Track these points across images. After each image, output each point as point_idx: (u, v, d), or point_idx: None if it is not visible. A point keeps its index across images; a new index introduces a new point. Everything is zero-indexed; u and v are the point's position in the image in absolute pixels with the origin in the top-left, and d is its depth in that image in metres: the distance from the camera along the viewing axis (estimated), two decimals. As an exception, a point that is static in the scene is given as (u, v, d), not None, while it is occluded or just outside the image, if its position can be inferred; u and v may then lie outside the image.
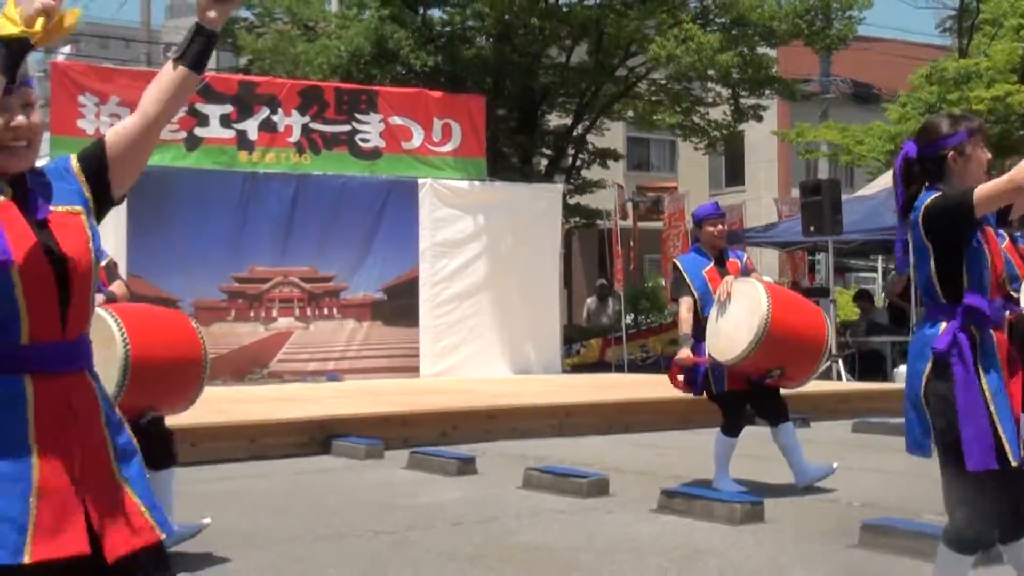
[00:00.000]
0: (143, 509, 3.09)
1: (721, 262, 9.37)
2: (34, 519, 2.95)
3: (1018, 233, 9.41)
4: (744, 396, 9.28)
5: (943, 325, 4.79)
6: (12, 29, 2.88)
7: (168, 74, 3.21)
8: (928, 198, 4.81)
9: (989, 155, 4.87)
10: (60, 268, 3.05)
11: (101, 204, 3.24)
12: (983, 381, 4.70)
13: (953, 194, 4.75)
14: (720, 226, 9.62)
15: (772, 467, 9.99)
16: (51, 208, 3.11)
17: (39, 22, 2.87)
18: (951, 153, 4.86)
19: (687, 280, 9.37)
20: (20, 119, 3.07)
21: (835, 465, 9.44)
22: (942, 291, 4.82)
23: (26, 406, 2.96)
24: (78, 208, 3.14)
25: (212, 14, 3.11)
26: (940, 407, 4.74)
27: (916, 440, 4.87)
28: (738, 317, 8.83)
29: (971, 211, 4.66)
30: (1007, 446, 4.62)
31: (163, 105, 3.23)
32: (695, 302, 9.30)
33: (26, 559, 2.92)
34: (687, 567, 6.70)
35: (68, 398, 3.04)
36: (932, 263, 4.84)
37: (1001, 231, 5.04)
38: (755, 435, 9.71)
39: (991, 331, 4.79)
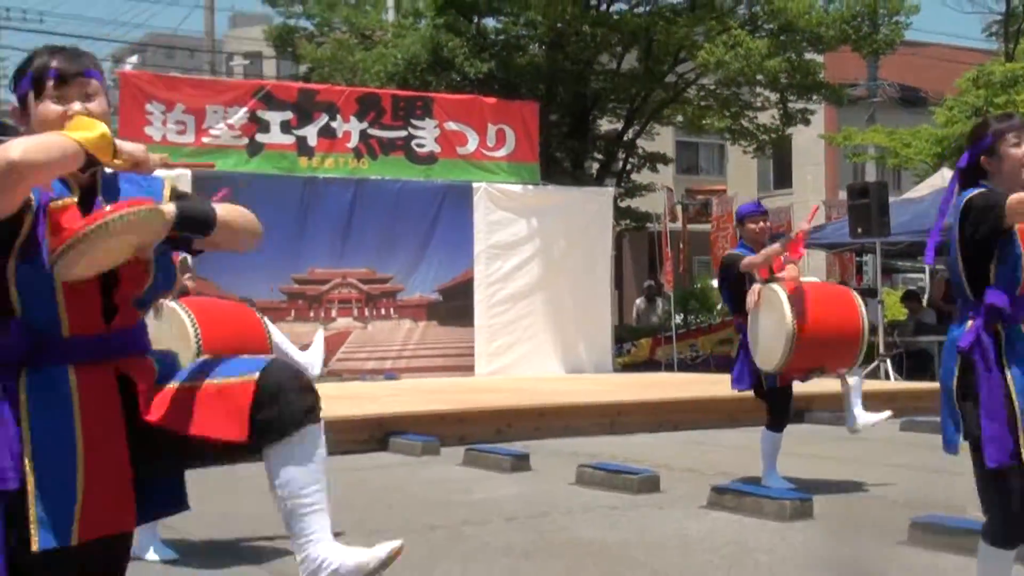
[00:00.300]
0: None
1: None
2: (81, 500, 3.00)
3: None
4: (791, 391, 9.25)
5: (969, 323, 4.75)
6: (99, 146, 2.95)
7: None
8: (970, 193, 4.77)
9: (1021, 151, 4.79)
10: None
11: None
12: (1008, 379, 4.64)
13: (991, 195, 4.69)
14: (762, 223, 9.53)
15: (820, 464, 9.95)
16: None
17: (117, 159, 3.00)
18: (983, 157, 4.84)
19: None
20: (76, 106, 3.09)
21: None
22: (970, 288, 4.78)
23: (70, 395, 3.00)
24: None
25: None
26: (967, 405, 4.71)
27: (949, 437, 4.83)
28: (769, 327, 8.78)
29: (1001, 217, 4.61)
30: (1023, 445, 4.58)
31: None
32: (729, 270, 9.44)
33: (73, 541, 2.98)
34: (737, 563, 6.65)
35: (112, 385, 3.09)
36: (961, 260, 4.82)
37: None
38: (800, 433, 9.66)
39: (1020, 328, 4.74)
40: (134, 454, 3.10)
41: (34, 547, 2.97)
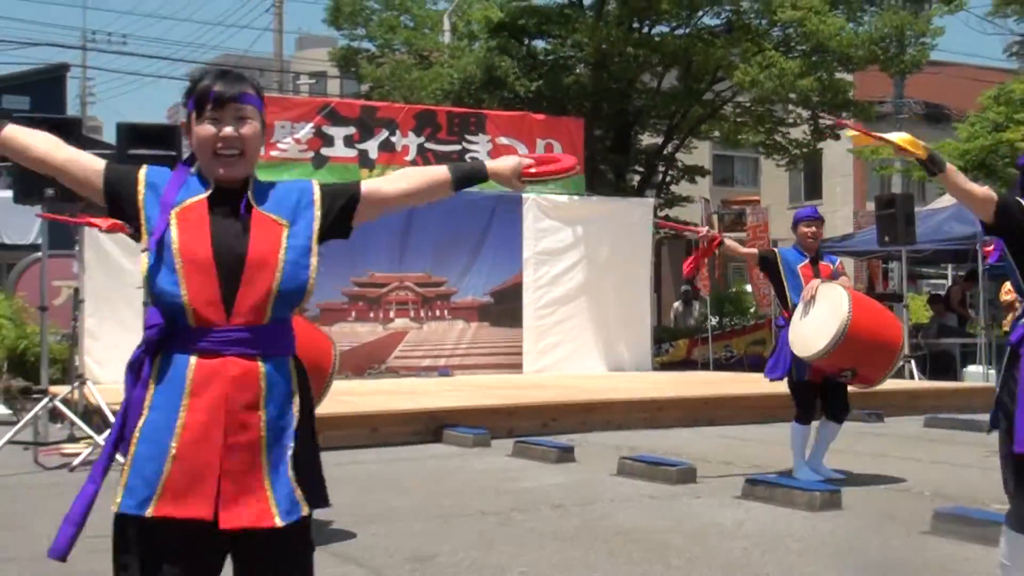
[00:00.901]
0: (269, 495, 3.08)
1: (815, 262, 9.28)
2: (164, 480, 3.03)
3: None
4: (816, 388, 9.20)
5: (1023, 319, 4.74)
6: None
7: (438, 182, 3.49)
8: (1015, 195, 4.79)
9: None
10: (232, 261, 3.12)
11: (333, 230, 3.33)
12: None
13: None
14: (814, 228, 9.45)
15: (846, 459, 9.88)
16: (261, 212, 3.19)
17: None
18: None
19: (777, 262, 9.41)
20: (228, 130, 3.14)
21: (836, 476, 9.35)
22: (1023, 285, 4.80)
23: (185, 381, 3.04)
24: (284, 221, 3.20)
25: (516, 183, 3.49)
26: (1008, 394, 4.67)
27: (992, 421, 4.83)
28: (820, 318, 8.75)
29: None
30: None
31: (418, 198, 3.56)
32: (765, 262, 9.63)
33: (149, 513, 3.01)
34: (770, 550, 6.62)
35: (227, 378, 3.08)
36: (1011, 258, 4.79)
37: None
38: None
39: None
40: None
41: (113, 508, 3.07)
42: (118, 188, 3.17)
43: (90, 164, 3.22)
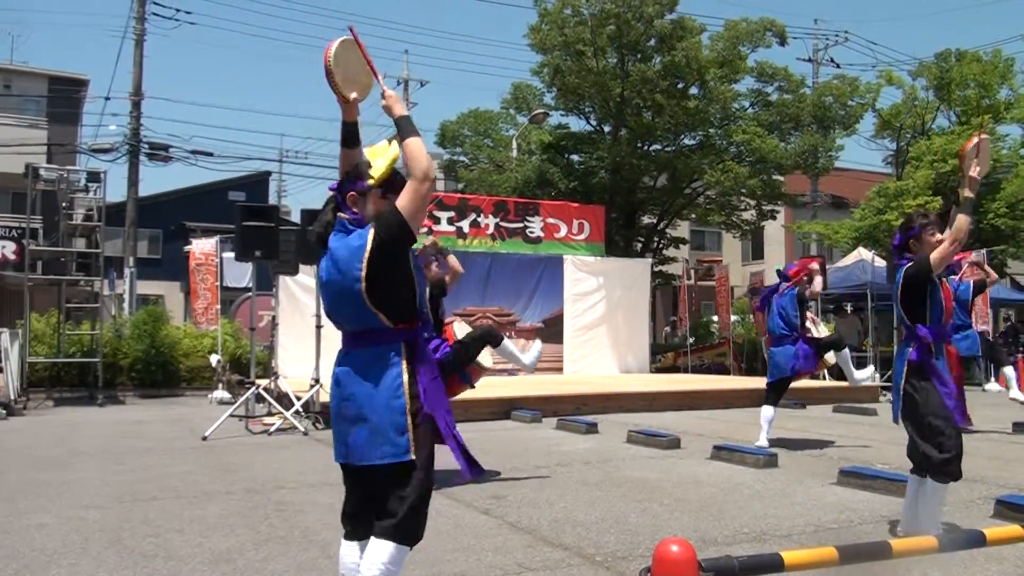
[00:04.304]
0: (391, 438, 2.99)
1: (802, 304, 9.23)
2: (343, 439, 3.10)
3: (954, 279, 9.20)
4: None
5: (911, 345, 4.86)
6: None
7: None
8: (905, 265, 4.85)
9: (938, 236, 4.82)
10: (330, 284, 3.10)
11: (396, 243, 3.01)
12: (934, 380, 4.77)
13: (919, 262, 4.75)
14: (795, 270, 9.35)
15: (780, 433, 9.75)
16: (341, 243, 3.08)
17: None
18: (911, 240, 4.86)
19: (771, 301, 9.27)
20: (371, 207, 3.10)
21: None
22: (909, 321, 4.84)
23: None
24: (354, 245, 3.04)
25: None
26: (920, 394, 4.78)
27: (896, 414, 4.91)
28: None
29: (929, 271, 4.66)
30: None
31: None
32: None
33: (337, 460, 3.11)
34: (730, 492, 6.56)
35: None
36: (901, 305, 4.90)
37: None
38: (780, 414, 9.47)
39: (942, 347, 4.83)
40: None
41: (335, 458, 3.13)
42: None
43: None
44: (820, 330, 9.55)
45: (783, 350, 8.92)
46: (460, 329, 7.07)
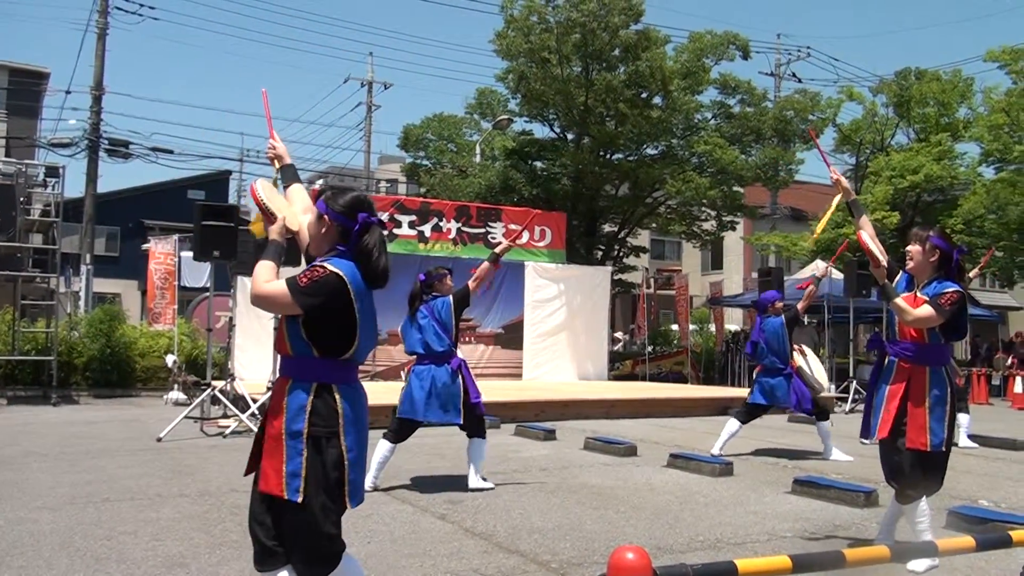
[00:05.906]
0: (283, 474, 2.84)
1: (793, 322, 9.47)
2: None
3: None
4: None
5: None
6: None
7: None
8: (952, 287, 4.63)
9: (909, 248, 4.73)
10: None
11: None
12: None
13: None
14: (779, 304, 9.56)
15: (738, 443, 9.83)
16: None
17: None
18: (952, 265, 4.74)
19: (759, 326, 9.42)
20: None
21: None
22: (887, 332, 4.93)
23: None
24: None
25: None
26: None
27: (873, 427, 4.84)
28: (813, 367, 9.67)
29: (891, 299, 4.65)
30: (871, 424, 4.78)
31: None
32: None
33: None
34: (686, 500, 6.60)
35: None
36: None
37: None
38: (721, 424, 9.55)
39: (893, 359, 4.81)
40: None
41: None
42: None
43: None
44: (811, 362, 9.68)
45: (779, 382, 9.07)
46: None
